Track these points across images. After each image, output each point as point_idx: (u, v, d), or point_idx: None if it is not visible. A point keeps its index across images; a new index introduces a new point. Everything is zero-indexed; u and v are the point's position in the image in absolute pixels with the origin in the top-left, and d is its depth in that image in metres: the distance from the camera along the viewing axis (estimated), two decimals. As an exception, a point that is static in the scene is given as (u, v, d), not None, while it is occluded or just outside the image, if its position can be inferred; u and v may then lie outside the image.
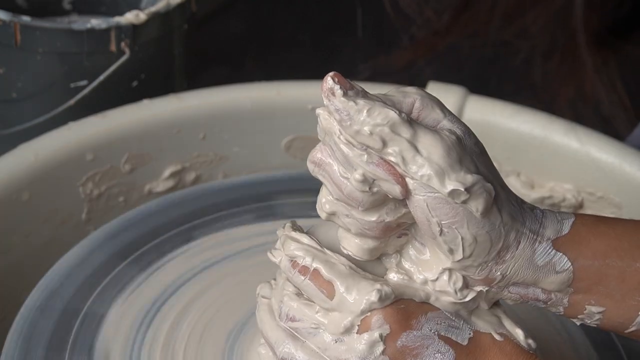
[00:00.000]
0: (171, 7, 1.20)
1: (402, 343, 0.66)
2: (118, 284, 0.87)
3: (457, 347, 0.66)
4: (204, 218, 0.95)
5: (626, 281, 0.69)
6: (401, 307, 0.67)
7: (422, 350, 0.66)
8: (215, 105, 1.10)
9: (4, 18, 1.14)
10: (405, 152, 0.64)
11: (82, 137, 1.03)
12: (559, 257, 0.68)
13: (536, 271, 0.68)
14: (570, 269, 0.68)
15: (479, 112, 1.11)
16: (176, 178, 1.10)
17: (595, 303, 0.69)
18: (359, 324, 0.66)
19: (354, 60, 1.74)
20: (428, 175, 0.64)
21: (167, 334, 0.82)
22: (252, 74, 1.27)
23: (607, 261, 0.68)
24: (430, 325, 0.67)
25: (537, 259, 0.68)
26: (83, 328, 0.83)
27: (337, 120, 0.65)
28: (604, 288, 0.69)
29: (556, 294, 0.70)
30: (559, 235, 0.68)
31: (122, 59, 1.17)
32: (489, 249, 0.67)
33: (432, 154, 0.64)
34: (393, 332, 0.66)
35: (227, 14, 1.77)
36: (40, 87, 1.19)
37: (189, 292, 0.86)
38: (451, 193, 0.64)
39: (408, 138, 0.64)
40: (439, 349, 0.66)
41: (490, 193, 0.65)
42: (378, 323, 0.66)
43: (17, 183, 0.98)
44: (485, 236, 0.66)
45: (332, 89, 0.65)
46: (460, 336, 0.67)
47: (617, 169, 1.05)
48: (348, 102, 0.64)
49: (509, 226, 0.67)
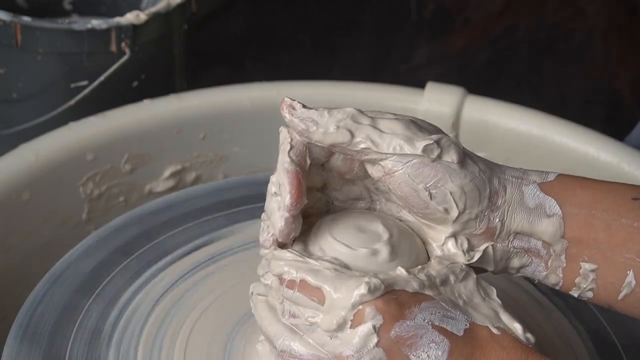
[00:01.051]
0: (171, 7, 1.20)
1: (396, 333, 0.66)
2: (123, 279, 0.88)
3: (452, 337, 0.66)
4: (205, 217, 0.96)
5: (613, 235, 0.71)
6: (393, 298, 0.67)
7: (416, 340, 0.66)
8: (215, 105, 1.10)
9: (5, 18, 1.14)
10: (372, 135, 0.70)
11: (82, 137, 1.03)
12: (548, 200, 0.72)
13: (529, 214, 0.72)
14: (559, 214, 0.71)
15: (477, 112, 1.11)
16: (176, 178, 1.10)
17: (589, 259, 0.72)
18: (351, 318, 0.67)
19: (354, 60, 1.75)
20: (399, 144, 0.70)
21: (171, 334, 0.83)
22: (252, 74, 1.27)
23: (592, 212, 0.71)
24: (424, 315, 0.67)
25: (527, 200, 0.72)
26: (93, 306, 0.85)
27: (303, 129, 0.70)
28: (593, 241, 0.71)
29: (554, 247, 0.72)
30: (544, 180, 0.72)
31: (123, 59, 1.18)
32: (479, 196, 0.71)
33: (395, 129, 0.70)
34: (386, 323, 0.66)
35: (227, 14, 1.77)
36: (40, 87, 1.19)
37: (189, 289, 0.87)
38: (424, 149, 0.69)
39: (370, 124, 0.70)
40: (434, 338, 0.66)
41: (457, 144, 0.71)
42: (371, 315, 0.66)
43: (17, 183, 0.99)
44: (470, 185, 0.70)
45: (292, 104, 0.71)
46: (455, 327, 0.67)
47: (617, 169, 1.05)
48: (309, 110, 0.71)
49: (489, 173, 0.72)
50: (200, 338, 0.82)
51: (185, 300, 0.86)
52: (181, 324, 0.83)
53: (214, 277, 0.88)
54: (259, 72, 1.43)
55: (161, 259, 0.90)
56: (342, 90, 1.12)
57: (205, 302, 0.85)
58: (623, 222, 0.71)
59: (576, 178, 0.74)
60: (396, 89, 1.13)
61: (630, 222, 0.71)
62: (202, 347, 0.81)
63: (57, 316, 0.83)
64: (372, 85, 1.14)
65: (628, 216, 0.71)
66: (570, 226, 0.72)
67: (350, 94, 1.12)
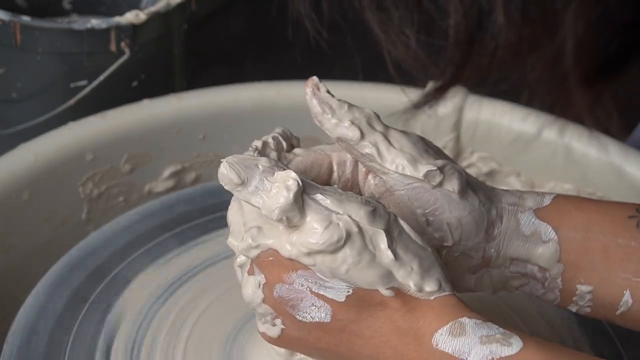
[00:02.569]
0: (171, 7, 1.20)
1: (278, 294, 0.66)
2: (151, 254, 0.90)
3: (332, 303, 0.65)
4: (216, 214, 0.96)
5: (609, 257, 0.70)
6: (270, 260, 0.66)
7: (297, 302, 0.66)
8: (215, 105, 1.10)
9: (4, 18, 1.14)
10: (380, 144, 0.70)
11: (82, 137, 1.03)
12: (544, 227, 0.71)
13: (525, 241, 0.71)
14: (555, 239, 0.71)
15: (478, 112, 1.11)
16: (176, 178, 1.10)
17: (585, 281, 0.71)
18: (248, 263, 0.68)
19: (354, 60, 1.75)
20: (403, 164, 0.69)
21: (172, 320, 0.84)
22: (252, 74, 1.27)
23: (589, 234, 0.71)
24: (301, 280, 0.65)
25: (523, 228, 0.71)
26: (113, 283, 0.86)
27: (318, 112, 0.71)
28: (589, 264, 0.71)
29: (550, 272, 0.71)
30: (540, 206, 0.71)
31: (122, 59, 1.18)
32: (475, 229, 0.70)
33: (403, 146, 0.70)
34: (268, 283, 0.66)
35: (227, 14, 1.77)
36: (40, 87, 1.19)
37: (195, 284, 0.88)
38: (426, 175, 0.69)
39: (382, 131, 0.70)
40: (314, 302, 0.65)
41: (461, 173, 0.70)
42: (256, 271, 0.67)
43: (17, 183, 0.98)
44: (468, 217, 0.69)
45: (317, 85, 0.72)
46: (335, 294, 0.65)
47: (617, 169, 1.05)
48: (331, 97, 0.71)
49: (488, 204, 0.70)
50: (201, 338, 0.82)
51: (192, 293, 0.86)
52: (181, 325, 0.84)
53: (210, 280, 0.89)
54: (259, 72, 1.43)
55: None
56: (341, 90, 1.11)
57: (202, 305, 0.86)
58: (620, 242, 0.70)
59: (572, 200, 0.73)
60: (396, 89, 1.13)
61: (627, 241, 0.70)
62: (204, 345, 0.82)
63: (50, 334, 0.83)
64: (372, 85, 1.13)
65: (624, 236, 0.71)
66: (567, 250, 0.71)
67: (350, 94, 1.11)
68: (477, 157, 1.12)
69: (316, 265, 0.64)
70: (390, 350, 0.64)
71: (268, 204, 0.64)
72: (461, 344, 0.62)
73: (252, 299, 0.67)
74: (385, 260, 0.64)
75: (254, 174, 0.66)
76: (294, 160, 0.73)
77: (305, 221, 0.64)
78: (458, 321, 0.63)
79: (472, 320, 0.63)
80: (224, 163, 0.66)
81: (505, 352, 0.61)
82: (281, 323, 0.67)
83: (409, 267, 0.64)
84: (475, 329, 0.62)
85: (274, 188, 0.64)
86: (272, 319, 0.67)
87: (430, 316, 0.64)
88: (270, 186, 0.65)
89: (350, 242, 0.64)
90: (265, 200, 0.64)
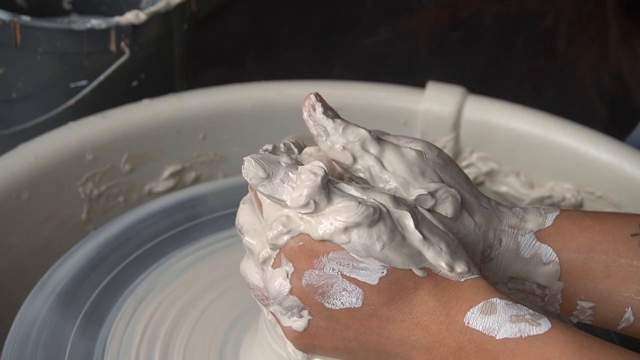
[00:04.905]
0: (171, 7, 1.20)
1: (307, 282, 0.66)
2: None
3: (365, 286, 0.65)
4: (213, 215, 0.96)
5: (611, 276, 0.71)
6: (300, 245, 0.66)
7: (327, 289, 0.65)
8: (215, 105, 1.10)
9: (4, 18, 1.14)
10: (373, 168, 0.70)
11: (82, 137, 1.03)
12: (544, 249, 0.71)
13: (525, 264, 0.71)
14: (556, 261, 0.71)
15: (478, 111, 1.11)
16: (176, 178, 1.10)
17: (586, 298, 0.71)
18: (274, 256, 0.68)
19: (354, 60, 1.75)
20: (395, 188, 0.69)
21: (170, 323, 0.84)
22: (252, 74, 1.27)
23: (591, 255, 0.71)
24: (332, 265, 0.65)
25: (523, 251, 0.71)
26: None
27: (314, 134, 0.71)
28: (591, 283, 0.71)
29: (550, 289, 0.71)
30: (541, 227, 0.71)
31: (122, 59, 1.17)
32: (470, 252, 0.70)
33: (397, 169, 0.70)
34: (297, 271, 0.66)
35: (227, 14, 1.77)
36: (40, 87, 1.19)
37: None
38: (417, 199, 0.69)
39: (376, 154, 0.70)
40: (345, 287, 0.65)
41: (455, 197, 0.69)
42: (283, 261, 0.67)
43: (17, 183, 0.98)
44: (462, 241, 0.69)
45: (314, 105, 0.71)
46: (368, 277, 0.65)
47: (617, 168, 1.05)
48: (327, 119, 0.71)
49: (485, 227, 0.70)
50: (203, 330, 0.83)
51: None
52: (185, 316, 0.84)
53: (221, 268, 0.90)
54: (259, 72, 1.43)
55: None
56: (342, 90, 1.12)
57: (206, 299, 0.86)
58: (622, 262, 0.71)
59: (574, 218, 0.72)
60: (396, 89, 1.13)
61: (630, 260, 0.71)
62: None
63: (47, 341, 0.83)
64: (372, 85, 1.13)
65: (627, 255, 0.71)
66: (568, 271, 0.71)
67: (350, 94, 1.11)
68: (477, 157, 1.12)
69: (351, 243, 0.65)
70: (421, 331, 0.65)
71: (295, 193, 0.65)
72: (491, 322, 0.63)
73: (278, 292, 0.67)
74: (415, 241, 0.66)
75: (278, 168, 0.67)
76: (314, 156, 0.73)
77: (333, 203, 0.65)
78: (489, 301, 0.64)
79: (502, 300, 0.64)
80: (248, 159, 0.67)
81: (534, 331, 0.62)
82: (308, 314, 0.67)
83: (438, 247, 0.66)
84: (505, 309, 0.63)
85: (299, 179, 0.65)
86: (299, 310, 0.67)
87: (463, 296, 0.65)
88: (296, 177, 0.66)
89: (383, 218, 0.65)
90: (291, 191, 0.65)
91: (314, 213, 0.65)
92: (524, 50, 1.73)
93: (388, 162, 0.70)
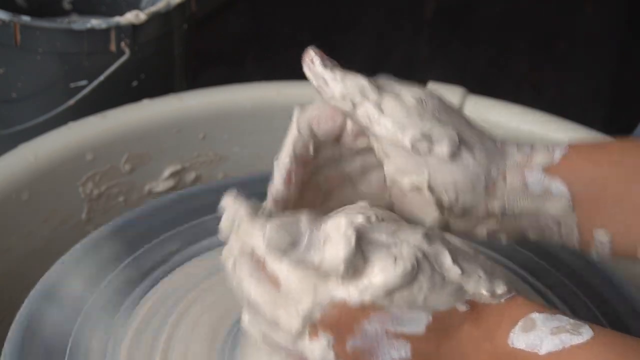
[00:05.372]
0: (171, 7, 1.20)
1: (351, 347, 0.64)
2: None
3: (412, 338, 0.64)
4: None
5: (626, 205, 0.71)
6: (335, 313, 0.63)
7: (374, 349, 0.64)
8: (215, 105, 1.10)
9: (4, 18, 1.14)
10: (372, 114, 0.70)
11: (82, 137, 1.03)
12: (554, 184, 0.71)
13: (533, 200, 0.71)
14: (567, 195, 0.71)
15: (478, 111, 1.10)
16: (176, 178, 1.10)
17: (602, 230, 0.71)
18: (308, 329, 0.64)
19: (354, 60, 1.75)
20: (392, 131, 0.70)
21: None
22: (252, 74, 1.27)
23: (602, 186, 0.71)
24: (375, 326, 0.63)
25: (532, 187, 0.71)
26: None
27: (316, 85, 0.72)
28: (606, 214, 0.71)
29: (564, 223, 0.71)
30: (550, 163, 0.71)
31: (122, 59, 1.17)
32: (472, 188, 0.70)
33: (395, 113, 0.70)
34: (339, 339, 0.64)
35: (227, 14, 1.77)
36: (40, 87, 1.19)
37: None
38: (413, 139, 0.69)
39: (375, 100, 0.71)
40: (392, 344, 0.64)
41: (452, 137, 0.70)
42: (321, 333, 0.64)
43: (17, 183, 0.98)
44: (461, 178, 0.70)
45: (312, 59, 0.72)
46: (414, 327, 0.64)
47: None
48: (325, 70, 0.71)
49: (486, 163, 0.71)
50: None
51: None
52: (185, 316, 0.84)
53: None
54: (259, 72, 1.43)
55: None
56: (342, 90, 1.12)
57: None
58: (634, 190, 0.70)
59: (583, 152, 0.72)
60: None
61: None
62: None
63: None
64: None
65: (638, 182, 0.71)
66: (580, 203, 0.71)
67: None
68: (477, 157, 1.12)
69: (394, 303, 0.63)
70: None
71: (328, 260, 0.62)
72: (533, 338, 0.62)
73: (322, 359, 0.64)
74: (454, 277, 0.64)
75: (299, 229, 0.64)
76: (308, 111, 0.74)
77: (370, 263, 0.63)
78: (528, 317, 0.63)
79: (541, 314, 0.63)
80: (269, 226, 0.63)
81: (576, 341, 0.61)
82: None
83: (476, 275, 0.65)
84: (545, 322, 0.63)
85: (328, 241, 0.63)
86: None
87: (504, 318, 0.64)
88: (323, 239, 0.63)
89: (420, 268, 0.63)
90: (324, 257, 0.62)
91: (352, 278, 0.63)
92: (524, 50, 1.73)
93: (387, 107, 0.71)
